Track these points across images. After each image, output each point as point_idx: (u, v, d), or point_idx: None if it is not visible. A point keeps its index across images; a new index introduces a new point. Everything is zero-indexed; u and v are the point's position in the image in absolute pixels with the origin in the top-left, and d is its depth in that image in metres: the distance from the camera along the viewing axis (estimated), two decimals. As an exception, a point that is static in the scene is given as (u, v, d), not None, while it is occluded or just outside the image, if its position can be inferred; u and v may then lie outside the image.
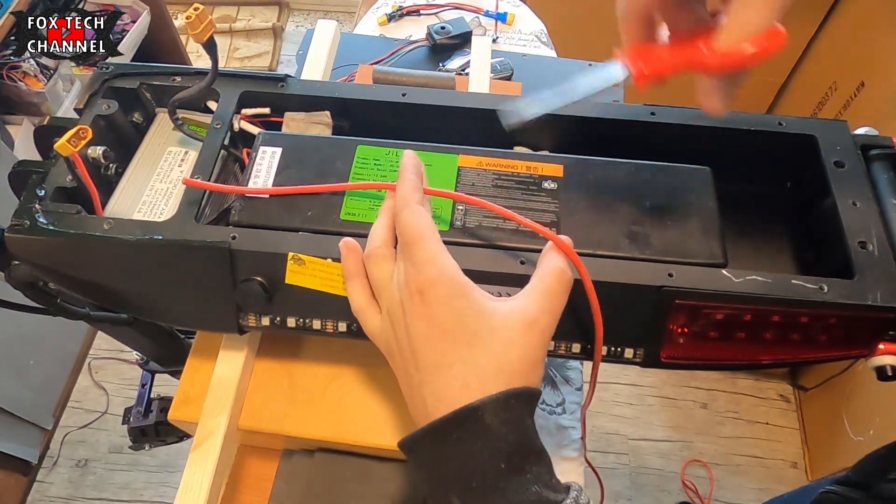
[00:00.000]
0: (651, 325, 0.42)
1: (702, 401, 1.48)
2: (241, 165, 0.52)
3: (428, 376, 0.35)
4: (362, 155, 0.47)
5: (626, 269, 0.41)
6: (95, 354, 1.53)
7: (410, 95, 0.51)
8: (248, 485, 0.53)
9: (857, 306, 0.39)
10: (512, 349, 0.34)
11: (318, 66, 0.62)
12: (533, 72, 0.77)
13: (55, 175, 0.46)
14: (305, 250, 0.42)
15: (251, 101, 0.51)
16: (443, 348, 0.35)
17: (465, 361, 0.34)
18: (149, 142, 0.52)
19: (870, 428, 1.16)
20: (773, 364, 0.44)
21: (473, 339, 0.34)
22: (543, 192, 0.45)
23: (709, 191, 0.45)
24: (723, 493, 1.37)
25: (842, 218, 0.43)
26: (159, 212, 0.47)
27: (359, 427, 0.50)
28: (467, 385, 0.33)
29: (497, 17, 0.89)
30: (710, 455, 1.41)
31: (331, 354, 0.53)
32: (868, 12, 1.22)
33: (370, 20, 0.91)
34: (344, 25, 2.11)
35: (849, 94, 1.24)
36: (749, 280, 0.40)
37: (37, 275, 0.45)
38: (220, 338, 0.51)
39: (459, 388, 0.34)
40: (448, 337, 0.34)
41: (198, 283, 0.44)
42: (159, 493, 1.37)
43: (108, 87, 0.51)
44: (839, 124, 0.48)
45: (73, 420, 1.45)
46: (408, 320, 0.36)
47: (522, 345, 0.34)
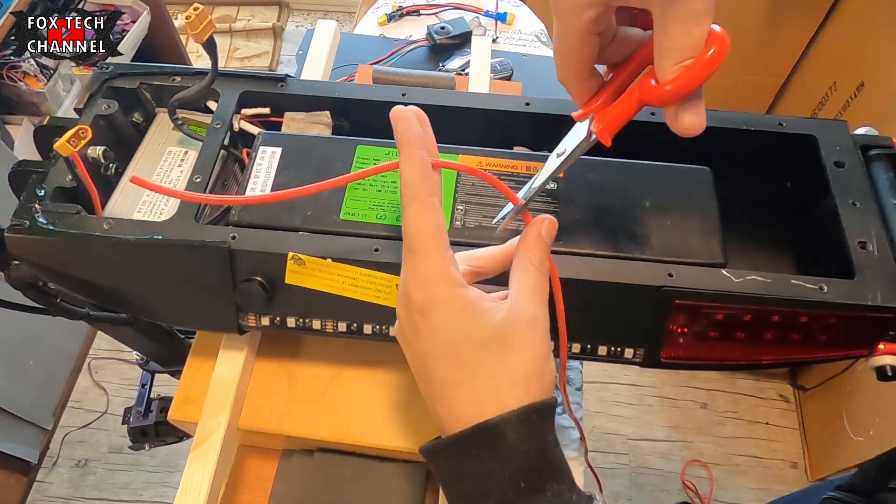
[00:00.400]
0: (651, 325, 0.42)
1: (702, 401, 1.48)
2: (241, 165, 0.52)
3: (438, 393, 0.34)
4: (362, 155, 0.47)
5: (626, 269, 0.41)
6: (95, 354, 1.53)
7: (410, 95, 0.51)
8: (248, 485, 0.53)
9: (857, 306, 0.39)
10: (522, 355, 0.33)
11: (318, 66, 0.62)
12: (533, 72, 0.77)
13: (55, 175, 0.46)
14: (305, 250, 0.42)
15: (251, 101, 0.51)
16: (450, 367, 0.33)
17: (475, 377, 0.33)
18: (149, 142, 0.52)
19: (870, 428, 1.16)
20: (773, 364, 0.44)
21: (481, 354, 0.33)
22: (543, 192, 0.45)
23: (709, 191, 0.45)
24: (723, 493, 1.37)
25: (842, 218, 0.43)
26: (159, 212, 0.47)
27: (359, 427, 0.50)
28: (482, 401, 0.32)
29: (497, 17, 0.89)
30: (710, 455, 1.41)
31: (331, 354, 0.53)
32: (868, 12, 1.22)
33: (370, 20, 0.91)
34: (344, 25, 2.11)
35: (849, 94, 1.24)
36: (749, 280, 0.40)
37: (37, 275, 0.45)
38: (220, 338, 0.51)
39: (474, 406, 0.32)
40: (454, 355, 0.33)
41: (198, 283, 0.44)
42: (159, 493, 1.37)
43: (108, 87, 0.51)
44: (839, 124, 0.48)
45: (73, 420, 1.45)
46: (413, 338, 0.35)
47: (531, 346, 0.33)
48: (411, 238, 0.34)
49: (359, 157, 0.47)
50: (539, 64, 0.80)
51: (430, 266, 0.33)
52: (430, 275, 0.33)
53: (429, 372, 0.34)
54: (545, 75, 0.78)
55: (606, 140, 0.36)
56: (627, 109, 0.35)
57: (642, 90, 0.33)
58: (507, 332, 0.33)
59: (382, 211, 0.44)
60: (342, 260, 0.41)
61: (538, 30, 0.90)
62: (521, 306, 0.34)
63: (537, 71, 0.78)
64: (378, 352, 0.53)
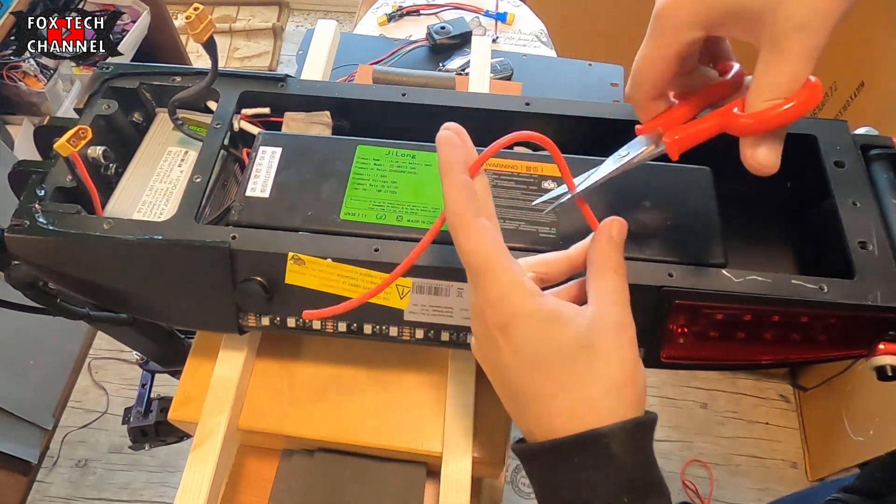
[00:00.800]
0: (651, 325, 0.42)
1: (702, 401, 1.48)
2: (241, 165, 0.52)
3: (527, 408, 0.33)
4: (362, 155, 0.47)
5: (626, 269, 0.41)
6: (95, 354, 1.53)
7: (410, 95, 0.51)
8: (248, 485, 0.53)
9: (857, 306, 0.39)
10: (612, 362, 0.32)
11: (318, 66, 0.62)
12: (533, 72, 0.77)
13: (55, 175, 0.46)
14: (305, 250, 0.42)
15: (251, 101, 0.51)
16: (539, 380, 0.32)
17: (568, 388, 0.32)
18: (149, 142, 0.52)
19: (870, 428, 1.16)
20: (773, 364, 0.44)
21: (571, 364, 0.32)
22: (543, 193, 0.45)
23: (709, 191, 0.45)
24: (723, 493, 1.37)
25: (842, 218, 0.43)
26: (159, 212, 0.47)
27: (359, 427, 0.50)
28: (576, 413, 0.32)
29: (497, 17, 0.89)
30: (710, 455, 1.41)
31: (331, 354, 0.53)
32: (868, 12, 1.22)
33: (370, 20, 0.90)
34: (344, 25, 2.11)
35: (849, 94, 1.24)
36: (749, 280, 0.40)
37: (37, 275, 0.45)
38: (220, 338, 0.51)
39: (567, 417, 0.32)
40: (543, 367, 0.32)
41: (198, 283, 0.44)
42: (159, 493, 1.37)
43: (108, 87, 0.51)
44: (839, 124, 0.48)
45: (73, 420, 1.45)
46: (494, 355, 0.34)
47: (619, 352, 0.32)
48: (472, 263, 0.33)
49: (359, 158, 0.47)
50: (539, 64, 0.80)
51: (502, 285, 0.32)
52: (505, 293, 0.32)
53: (516, 388, 0.33)
54: (545, 75, 0.78)
55: (674, 154, 0.36)
56: (703, 132, 0.35)
57: (724, 116, 0.34)
58: (594, 339, 0.32)
59: (382, 211, 0.44)
60: (342, 260, 0.41)
61: (538, 30, 0.90)
62: (605, 310, 0.33)
63: (537, 71, 0.78)
64: (378, 352, 0.53)
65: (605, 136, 0.50)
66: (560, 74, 0.79)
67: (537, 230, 0.43)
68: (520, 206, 0.44)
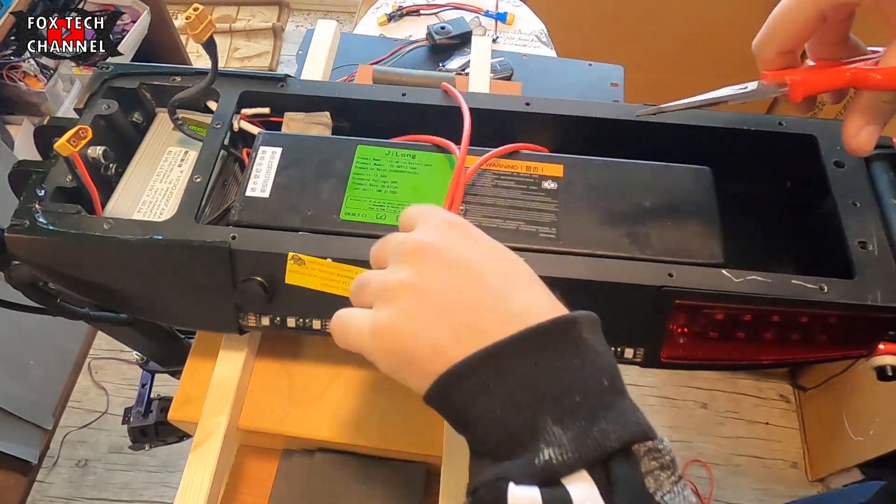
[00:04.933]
0: (651, 325, 0.42)
1: (702, 401, 1.48)
2: (241, 165, 0.52)
3: (506, 289, 0.31)
4: (362, 155, 0.47)
5: (626, 269, 0.41)
6: (95, 354, 1.53)
7: (410, 95, 0.51)
8: (248, 485, 0.53)
9: (857, 306, 0.39)
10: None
11: (318, 66, 0.62)
12: (533, 72, 0.77)
13: (55, 175, 0.46)
14: (305, 250, 0.42)
15: (251, 101, 0.51)
16: (509, 267, 0.33)
17: (534, 280, 0.33)
18: (149, 142, 0.52)
19: (870, 428, 1.16)
20: (773, 364, 0.44)
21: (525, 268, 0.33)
22: (543, 192, 0.45)
23: (709, 191, 0.45)
24: (723, 493, 1.37)
25: (842, 218, 0.43)
26: (159, 212, 0.47)
27: (359, 427, 0.50)
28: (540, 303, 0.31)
29: (497, 17, 0.89)
30: (710, 455, 1.41)
31: (331, 354, 0.53)
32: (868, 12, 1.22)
33: (370, 20, 0.91)
34: (344, 25, 2.11)
35: (849, 94, 1.24)
36: (749, 280, 0.40)
37: (37, 275, 0.45)
38: (220, 338, 0.51)
39: (543, 308, 0.31)
40: (509, 259, 0.33)
41: (198, 282, 0.44)
42: (159, 493, 1.37)
43: (108, 87, 0.51)
44: (839, 124, 0.48)
45: (73, 420, 1.45)
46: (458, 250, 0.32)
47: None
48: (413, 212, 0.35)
49: (359, 158, 0.47)
50: (539, 64, 0.80)
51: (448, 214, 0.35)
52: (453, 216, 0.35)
53: (485, 277, 0.32)
54: (545, 75, 0.78)
55: (797, 96, 0.38)
56: (831, 81, 0.37)
57: (855, 71, 0.36)
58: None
59: (382, 211, 0.44)
60: (342, 260, 0.41)
61: (538, 30, 0.90)
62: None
63: (537, 71, 0.78)
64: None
65: (605, 136, 0.50)
66: (560, 74, 0.79)
67: (537, 230, 0.43)
68: (520, 206, 0.44)
